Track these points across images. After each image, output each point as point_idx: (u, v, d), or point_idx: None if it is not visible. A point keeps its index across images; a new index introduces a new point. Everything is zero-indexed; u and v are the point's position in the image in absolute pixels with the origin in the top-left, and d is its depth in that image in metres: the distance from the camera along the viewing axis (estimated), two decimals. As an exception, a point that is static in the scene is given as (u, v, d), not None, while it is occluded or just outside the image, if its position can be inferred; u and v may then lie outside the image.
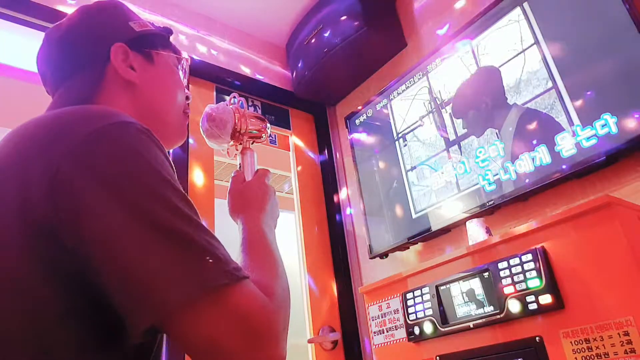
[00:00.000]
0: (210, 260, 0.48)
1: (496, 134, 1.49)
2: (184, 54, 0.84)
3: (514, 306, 0.99)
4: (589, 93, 1.27)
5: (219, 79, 2.11)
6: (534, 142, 1.37)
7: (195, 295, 0.45)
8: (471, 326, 1.08)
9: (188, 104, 0.81)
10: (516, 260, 1.02)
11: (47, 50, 0.73)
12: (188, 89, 0.83)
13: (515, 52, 1.47)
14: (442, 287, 1.17)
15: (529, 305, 0.97)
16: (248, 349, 0.46)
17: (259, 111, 2.23)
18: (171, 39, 0.81)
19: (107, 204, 0.47)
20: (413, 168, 1.75)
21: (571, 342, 0.91)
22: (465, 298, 1.11)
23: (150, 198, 0.49)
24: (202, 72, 2.04)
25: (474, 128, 1.57)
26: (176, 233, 0.48)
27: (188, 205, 0.51)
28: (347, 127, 2.10)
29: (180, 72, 0.80)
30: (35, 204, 0.48)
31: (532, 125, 1.40)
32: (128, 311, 0.46)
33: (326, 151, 2.34)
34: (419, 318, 1.20)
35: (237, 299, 0.48)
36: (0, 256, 0.48)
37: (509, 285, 1.02)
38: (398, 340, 1.27)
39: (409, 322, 1.22)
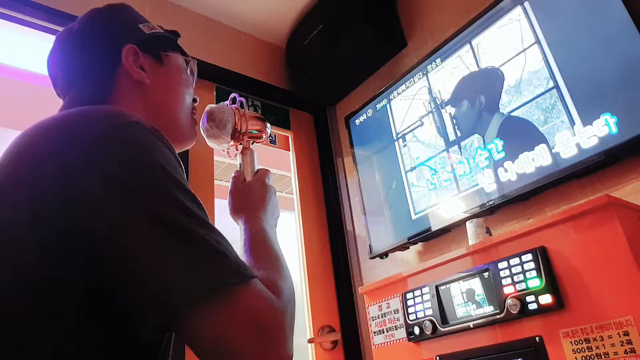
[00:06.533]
0: (220, 260, 0.48)
1: (482, 138, 1.51)
2: None
3: (514, 306, 0.99)
4: (589, 93, 1.27)
5: (219, 79, 2.11)
6: (512, 151, 1.41)
7: (205, 295, 0.46)
8: (471, 326, 1.08)
9: (195, 106, 0.82)
10: (516, 260, 1.02)
11: (59, 53, 0.74)
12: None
13: (516, 51, 1.46)
14: (442, 287, 1.17)
15: (529, 305, 0.97)
16: (258, 348, 0.47)
17: (259, 111, 2.23)
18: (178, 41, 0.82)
19: (118, 204, 0.48)
20: (413, 169, 1.75)
21: (571, 342, 0.91)
22: (465, 298, 1.11)
23: (160, 198, 0.49)
24: (202, 72, 2.02)
25: (462, 123, 1.58)
26: (186, 232, 0.48)
27: (197, 205, 0.52)
28: (347, 127, 2.09)
29: (188, 74, 0.81)
30: (48, 205, 0.48)
31: (511, 135, 1.43)
32: (138, 309, 0.47)
33: (326, 151, 2.34)
34: (419, 318, 1.20)
35: (247, 299, 0.48)
36: (15, 258, 0.48)
37: (509, 285, 1.02)
38: (398, 340, 1.27)
39: (409, 322, 1.22)
